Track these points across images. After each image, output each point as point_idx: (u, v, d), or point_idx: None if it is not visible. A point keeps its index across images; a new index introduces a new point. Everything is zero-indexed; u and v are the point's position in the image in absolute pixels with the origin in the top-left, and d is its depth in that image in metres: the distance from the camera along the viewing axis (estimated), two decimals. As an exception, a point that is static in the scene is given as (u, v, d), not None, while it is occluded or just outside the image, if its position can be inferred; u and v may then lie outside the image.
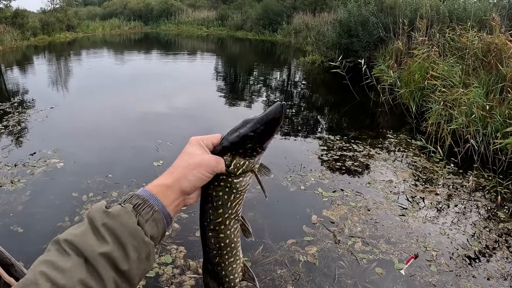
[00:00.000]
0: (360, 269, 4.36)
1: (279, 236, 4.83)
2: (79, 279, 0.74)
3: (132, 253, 0.81)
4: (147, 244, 0.85)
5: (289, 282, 4.15)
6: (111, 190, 5.62)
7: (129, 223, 0.82)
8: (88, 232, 0.81)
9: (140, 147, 7.43)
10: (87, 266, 0.76)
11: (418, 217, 5.36)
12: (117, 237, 0.80)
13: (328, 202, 5.63)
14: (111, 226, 0.81)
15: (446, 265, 4.47)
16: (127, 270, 0.80)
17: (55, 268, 0.74)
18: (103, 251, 0.78)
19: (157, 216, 0.88)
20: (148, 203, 0.88)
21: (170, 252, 4.47)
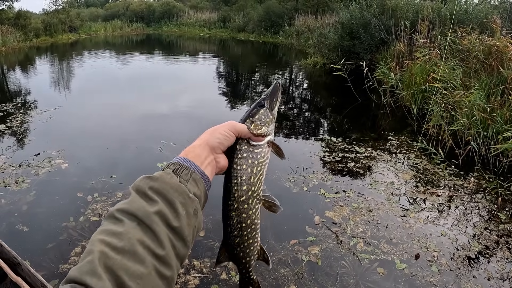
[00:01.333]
0: (362, 269, 4.41)
1: (282, 236, 4.89)
2: (136, 239, 0.77)
3: (180, 209, 0.85)
4: (192, 200, 0.89)
5: (292, 282, 4.19)
6: (115, 190, 5.68)
7: (173, 182, 0.88)
8: (136, 198, 0.85)
9: (144, 148, 7.50)
10: (141, 227, 0.79)
11: (419, 218, 5.41)
12: (165, 195, 0.85)
13: (331, 203, 5.68)
14: (157, 187, 0.86)
15: (447, 265, 4.51)
16: (179, 226, 0.84)
17: (111, 234, 0.77)
18: (155, 209, 0.82)
19: (196, 176, 0.93)
20: (185, 166, 0.93)
21: None
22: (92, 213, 5.10)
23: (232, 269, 4.29)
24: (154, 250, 0.78)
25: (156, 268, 0.77)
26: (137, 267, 0.74)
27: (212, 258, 4.44)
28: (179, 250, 0.84)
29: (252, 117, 1.12)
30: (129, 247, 0.75)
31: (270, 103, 1.17)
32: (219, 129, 1.04)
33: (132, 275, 0.72)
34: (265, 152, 1.14)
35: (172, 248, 0.82)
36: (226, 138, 1.04)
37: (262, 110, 1.14)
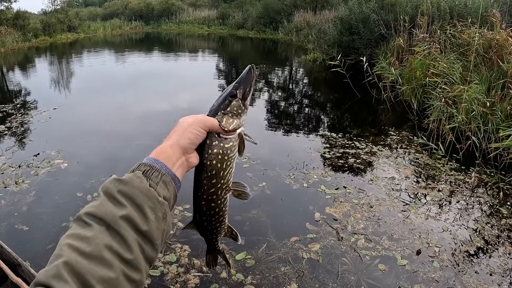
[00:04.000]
0: (363, 265, 4.39)
1: (282, 234, 4.87)
2: (104, 244, 0.77)
3: (149, 213, 0.85)
4: (162, 204, 0.89)
5: (293, 279, 4.18)
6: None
7: (142, 186, 0.87)
8: (105, 201, 0.85)
9: (143, 146, 7.46)
10: (109, 232, 0.79)
11: (420, 213, 5.38)
12: (133, 199, 0.84)
13: (331, 199, 5.66)
14: (126, 191, 0.85)
15: (448, 261, 4.49)
16: (148, 230, 0.84)
17: (79, 238, 0.78)
18: (123, 214, 0.82)
19: (166, 178, 0.93)
20: (155, 168, 0.93)
21: (175, 251, 4.51)
22: None
23: (232, 267, 4.28)
24: (123, 255, 0.79)
25: (124, 272, 0.78)
26: (105, 272, 0.74)
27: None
28: (148, 254, 0.85)
29: (224, 110, 1.11)
30: (96, 252, 0.76)
31: (243, 93, 1.13)
32: (190, 128, 1.03)
33: (100, 280, 0.73)
34: (235, 145, 1.13)
35: (141, 252, 0.83)
36: (197, 136, 1.04)
37: (235, 102, 1.12)
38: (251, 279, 4.16)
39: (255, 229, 4.97)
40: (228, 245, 4.58)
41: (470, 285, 4.17)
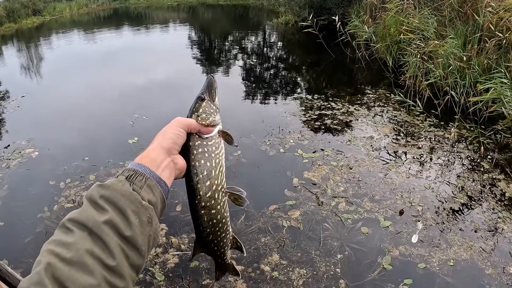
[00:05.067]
0: (346, 229, 4.21)
1: (261, 203, 4.65)
2: (85, 249, 0.75)
3: (132, 218, 0.83)
4: (146, 208, 0.86)
5: (274, 250, 3.97)
6: (88, 173, 5.31)
7: (124, 190, 0.85)
8: (88, 207, 0.83)
9: (116, 126, 7.07)
10: (91, 237, 0.77)
11: (401, 172, 5.21)
12: (115, 204, 0.82)
13: (309, 163, 5.44)
14: (108, 195, 0.83)
15: (432, 220, 4.34)
16: (131, 235, 0.81)
17: (61, 244, 0.76)
18: (105, 219, 0.80)
19: (150, 182, 0.91)
20: (139, 172, 0.91)
21: None
22: (66, 200, 4.77)
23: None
24: (104, 261, 0.76)
25: (106, 279, 0.75)
26: (85, 278, 0.73)
27: (190, 234, 4.18)
28: (133, 260, 0.82)
29: (197, 111, 1.14)
30: (77, 258, 0.74)
31: (209, 95, 1.18)
32: (169, 129, 1.04)
33: (80, 286, 0.71)
34: (218, 142, 1.15)
35: (125, 258, 0.80)
36: (178, 136, 1.04)
37: (204, 103, 1.16)
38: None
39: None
40: None
41: (456, 243, 4.03)
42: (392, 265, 3.77)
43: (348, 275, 3.68)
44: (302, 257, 3.89)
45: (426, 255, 3.89)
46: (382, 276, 3.67)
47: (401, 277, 3.64)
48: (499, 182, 5.02)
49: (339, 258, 3.86)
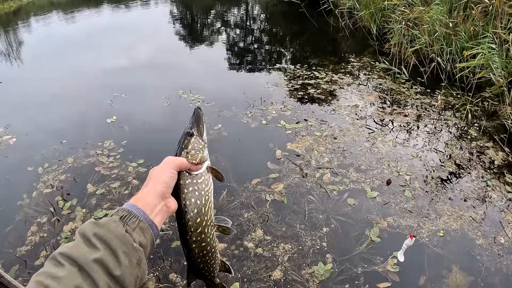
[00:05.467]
0: (331, 202, 4.03)
1: (243, 177, 4.44)
2: (74, 285, 0.77)
3: (123, 258, 0.84)
4: (137, 250, 0.88)
5: (258, 225, 3.79)
6: (66, 156, 4.98)
7: (117, 230, 0.87)
8: (80, 243, 0.85)
9: (95, 106, 6.67)
10: (81, 274, 0.79)
11: (387, 141, 5.04)
12: (108, 243, 0.84)
13: (292, 134, 5.23)
14: (101, 234, 0.85)
15: (421, 189, 4.19)
16: (120, 275, 0.83)
17: (50, 277, 0.77)
18: (96, 257, 0.81)
19: (143, 225, 0.93)
20: (133, 213, 0.93)
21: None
22: (44, 185, 4.47)
23: None
24: None
25: None
26: None
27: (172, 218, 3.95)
28: None
29: (186, 149, 1.16)
30: None
31: (198, 130, 1.21)
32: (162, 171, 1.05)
33: None
34: (207, 179, 1.17)
35: None
36: (171, 178, 1.06)
37: (193, 139, 1.18)
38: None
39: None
40: None
41: (445, 213, 3.89)
42: (381, 237, 3.63)
43: (335, 249, 3.52)
44: (286, 231, 3.71)
45: (415, 226, 3.75)
46: (370, 249, 3.52)
47: (390, 250, 3.49)
48: (488, 150, 4.89)
49: (325, 231, 3.69)
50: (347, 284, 3.23)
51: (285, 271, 3.35)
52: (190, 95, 6.38)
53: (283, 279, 3.28)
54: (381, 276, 3.29)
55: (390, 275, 3.29)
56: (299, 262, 3.42)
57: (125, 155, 4.87)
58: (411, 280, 3.28)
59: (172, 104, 6.18)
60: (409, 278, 3.29)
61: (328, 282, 3.25)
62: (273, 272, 3.34)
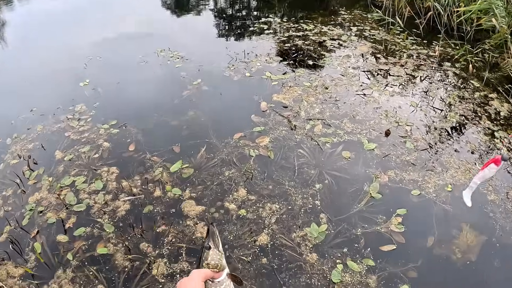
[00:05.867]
0: (324, 155, 3.55)
1: (224, 132, 3.94)
2: None
3: None
4: None
5: (241, 184, 3.31)
6: (36, 124, 4.36)
7: None
8: None
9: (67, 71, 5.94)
10: None
11: (384, 90, 4.55)
12: None
13: (278, 85, 4.71)
14: None
15: (423, 141, 3.73)
16: None
17: None
18: None
19: None
20: None
21: (101, 176, 3.51)
22: (12, 156, 3.92)
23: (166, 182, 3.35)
24: None
25: None
26: None
27: (144, 174, 3.45)
28: None
29: (206, 260, 1.29)
30: None
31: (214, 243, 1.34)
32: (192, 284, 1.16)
33: None
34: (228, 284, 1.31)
35: None
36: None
37: (211, 251, 1.31)
38: (190, 192, 3.26)
39: (194, 132, 4.00)
40: (161, 156, 3.68)
41: (452, 166, 3.45)
42: (381, 193, 3.17)
43: (330, 208, 3.06)
44: (274, 190, 3.23)
45: (420, 181, 3.30)
46: (371, 206, 3.07)
47: (392, 207, 3.05)
48: (492, 101, 4.44)
49: (318, 188, 3.22)
50: (345, 248, 2.79)
51: (273, 235, 2.89)
52: (169, 53, 5.77)
53: (270, 244, 2.83)
54: (384, 238, 2.85)
55: (394, 236, 2.85)
56: (288, 224, 2.96)
57: (97, 118, 4.34)
58: (418, 242, 2.84)
59: (149, 62, 5.58)
60: (416, 239, 2.85)
61: (323, 246, 2.80)
62: (258, 236, 2.88)
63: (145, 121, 4.18)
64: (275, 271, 2.66)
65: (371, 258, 2.71)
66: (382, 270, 2.64)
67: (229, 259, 2.75)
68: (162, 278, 2.67)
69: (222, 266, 1.30)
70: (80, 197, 3.32)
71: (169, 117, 4.25)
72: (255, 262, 2.72)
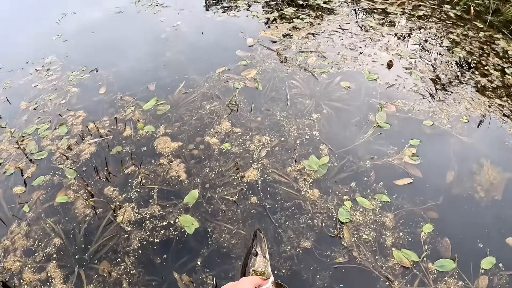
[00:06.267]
0: (320, 86, 3.08)
1: (205, 69, 3.44)
2: None
3: None
4: None
5: (224, 116, 2.83)
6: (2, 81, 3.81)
7: None
8: None
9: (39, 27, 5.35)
10: None
11: (383, 26, 4.07)
12: None
13: (266, 23, 4.19)
14: None
15: (430, 73, 3.30)
16: None
17: None
18: None
19: None
20: None
21: (66, 121, 3.01)
22: None
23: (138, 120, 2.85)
24: None
25: None
26: None
27: (113, 114, 2.93)
28: None
29: (253, 266, 1.35)
30: None
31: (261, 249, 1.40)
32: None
33: None
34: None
35: None
36: None
37: (258, 258, 1.37)
38: (165, 129, 2.77)
39: (172, 71, 3.49)
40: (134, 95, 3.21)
41: (464, 99, 3.06)
42: (390, 123, 2.70)
43: (331, 139, 2.61)
44: (263, 121, 2.75)
45: (431, 111, 2.85)
46: (378, 137, 2.61)
47: (404, 138, 2.59)
48: (498, 41, 4.00)
49: (316, 118, 2.76)
50: (353, 182, 2.33)
51: (263, 170, 2.41)
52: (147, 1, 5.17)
53: (260, 180, 2.35)
54: (398, 171, 2.41)
55: (409, 169, 2.40)
56: (282, 158, 2.48)
57: (68, 66, 3.80)
58: (436, 177, 2.39)
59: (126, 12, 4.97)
60: (434, 174, 2.41)
61: (325, 181, 2.34)
62: (246, 172, 2.40)
63: (119, 65, 3.66)
64: (268, 211, 2.20)
65: (385, 193, 2.26)
66: (399, 208, 2.19)
67: (211, 200, 2.27)
68: (128, 226, 2.19)
69: (268, 274, 1.34)
70: (42, 144, 2.84)
71: (145, 59, 3.75)
72: (242, 202, 2.25)
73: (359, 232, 2.09)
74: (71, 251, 2.13)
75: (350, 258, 1.99)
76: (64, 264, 2.08)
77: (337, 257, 1.98)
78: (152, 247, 2.09)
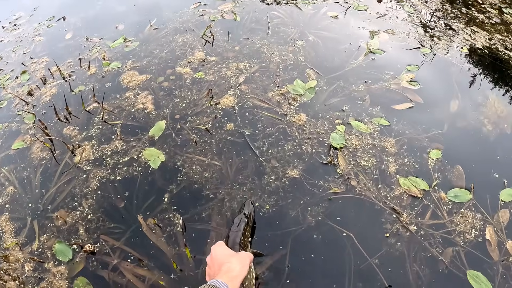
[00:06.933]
0: (305, 16, 2.75)
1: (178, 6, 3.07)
2: None
3: None
4: None
5: (198, 47, 2.51)
6: None
7: None
8: None
9: None
10: None
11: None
12: None
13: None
14: None
15: (424, 6, 3.00)
16: None
17: None
18: None
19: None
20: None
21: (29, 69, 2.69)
22: None
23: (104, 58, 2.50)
24: None
25: None
26: None
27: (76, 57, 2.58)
28: None
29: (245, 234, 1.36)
30: None
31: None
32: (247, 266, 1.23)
33: None
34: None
35: None
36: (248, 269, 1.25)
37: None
38: (133, 63, 2.41)
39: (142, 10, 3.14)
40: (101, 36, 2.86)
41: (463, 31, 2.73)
42: (383, 50, 2.40)
43: (319, 65, 2.30)
44: (241, 50, 2.44)
45: (428, 40, 2.57)
46: (371, 62, 2.30)
47: (400, 63, 2.30)
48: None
49: (300, 44, 2.45)
50: (346, 105, 2.02)
51: (241, 96, 2.09)
52: None
53: (238, 106, 2.02)
54: (397, 96, 2.11)
55: (408, 94, 2.10)
56: (263, 84, 2.16)
57: (35, 19, 3.38)
58: (438, 105, 2.09)
59: None
60: (436, 102, 2.11)
61: (313, 105, 2.04)
62: (221, 99, 2.07)
63: (86, 11, 3.28)
64: (246, 137, 1.87)
65: (383, 117, 1.95)
66: (401, 134, 1.89)
67: (181, 131, 1.94)
68: (87, 165, 1.84)
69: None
70: (1, 94, 2.49)
71: (115, 2, 3.37)
72: (217, 131, 1.93)
73: (356, 158, 1.79)
74: (25, 201, 1.79)
75: (347, 188, 1.68)
76: (16, 216, 1.74)
77: (332, 187, 1.68)
78: (113, 185, 1.76)
